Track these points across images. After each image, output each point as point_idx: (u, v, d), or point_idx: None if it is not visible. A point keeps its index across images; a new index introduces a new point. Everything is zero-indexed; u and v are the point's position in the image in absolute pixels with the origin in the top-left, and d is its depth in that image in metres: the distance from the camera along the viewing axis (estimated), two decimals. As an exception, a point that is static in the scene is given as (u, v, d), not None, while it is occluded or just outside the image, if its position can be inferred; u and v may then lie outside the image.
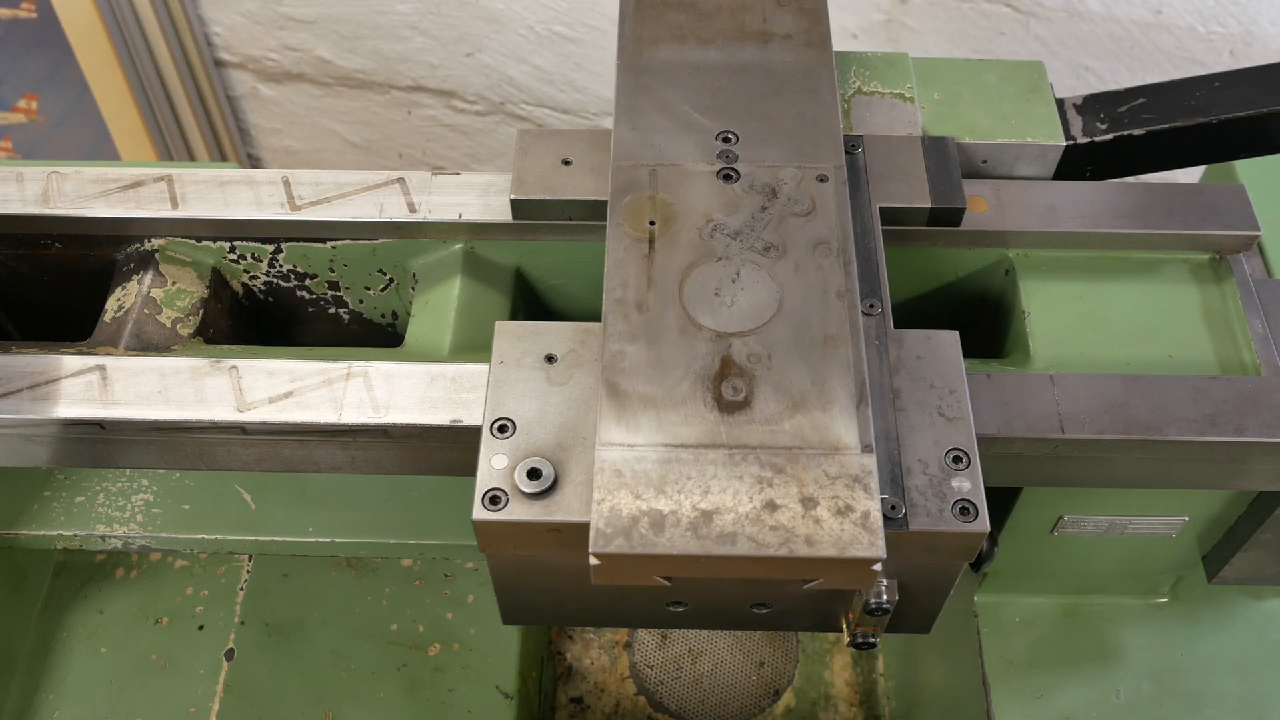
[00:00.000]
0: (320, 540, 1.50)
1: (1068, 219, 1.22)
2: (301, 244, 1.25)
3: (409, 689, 1.46)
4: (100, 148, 2.80)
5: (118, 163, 2.23)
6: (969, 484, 0.96)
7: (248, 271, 1.28)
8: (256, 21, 2.68)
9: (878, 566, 0.87)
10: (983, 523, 0.94)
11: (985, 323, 1.32)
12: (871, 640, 1.05)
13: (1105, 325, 1.18)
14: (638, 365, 0.96)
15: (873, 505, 0.89)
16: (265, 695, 1.44)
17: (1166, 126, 1.27)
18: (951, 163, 1.21)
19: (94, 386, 1.08)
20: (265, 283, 1.30)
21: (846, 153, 1.20)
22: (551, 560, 0.98)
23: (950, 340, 1.05)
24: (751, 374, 0.96)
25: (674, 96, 1.16)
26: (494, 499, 0.93)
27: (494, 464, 0.95)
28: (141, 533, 1.45)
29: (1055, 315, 1.19)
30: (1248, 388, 1.09)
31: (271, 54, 2.76)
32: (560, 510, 0.93)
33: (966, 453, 0.97)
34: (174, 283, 1.23)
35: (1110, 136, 1.27)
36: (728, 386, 0.95)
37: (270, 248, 1.25)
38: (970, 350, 1.36)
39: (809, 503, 0.89)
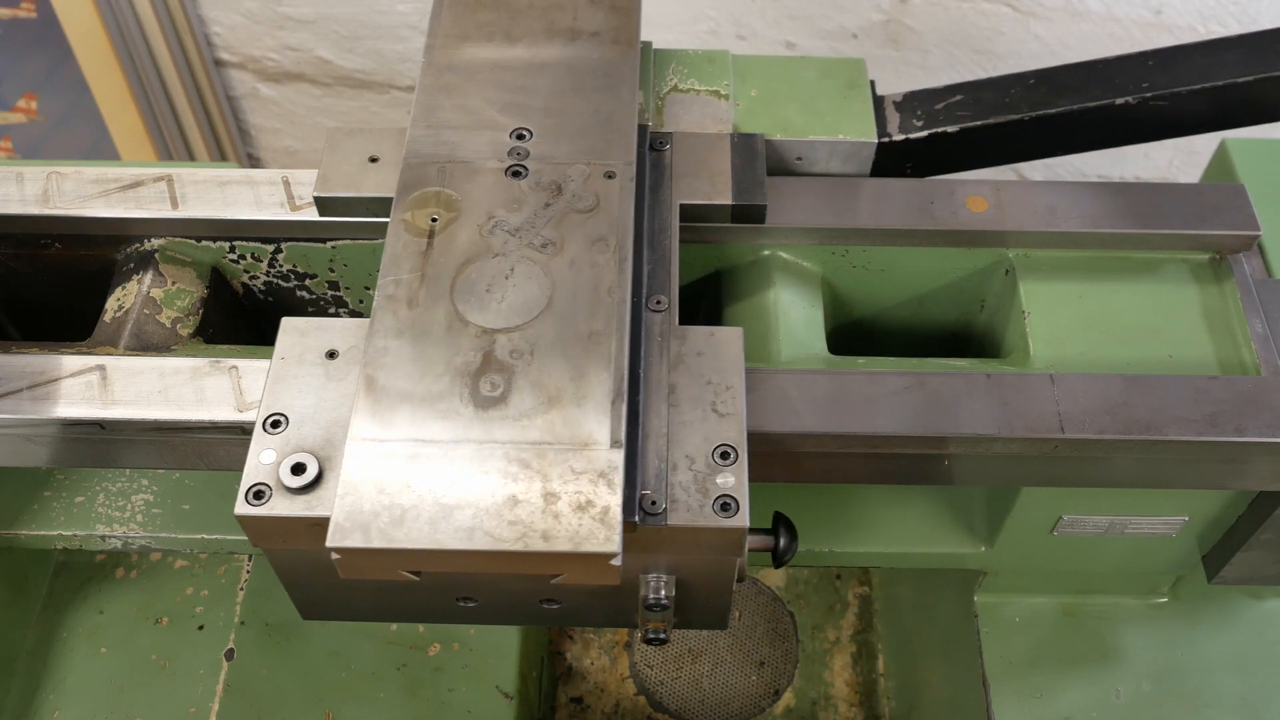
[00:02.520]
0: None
1: (1068, 219, 1.22)
2: (301, 244, 1.25)
3: (409, 689, 1.45)
4: (100, 148, 2.80)
5: (118, 163, 2.23)
6: (733, 480, 0.96)
7: (248, 271, 1.28)
8: (256, 21, 2.68)
9: (616, 562, 0.87)
10: (742, 518, 0.94)
11: (985, 323, 1.32)
12: (662, 636, 1.06)
13: (1105, 325, 1.18)
14: (400, 361, 0.97)
15: (614, 500, 0.89)
16: (265, 695, 1.44)
17: (980, 123, 1.27)
18: (758, 160, 1.21)
19: (94, 386, 1.08)
20: (265, 283, 1.30)
21: (655, 150, 1.21)
22: (324, 555, 0.98)
23: (733, 337, 1.05)
24: (511, 370, 0.96)
25: (474, 94, 1.16)
26: (258, 494, 0.94)
27: (262, 459, 0.95)
28: (141, 533, 1.45)
29: (1055, 315, 1.19)
30: (1248, 388, 1.09)
31: (271, 54, 2.76)
32: (321, 505, 0.93)
33: (734, 449, 0.98)
34: (174, 283, 1.23)
35: (925, 133, 1.28)
36: (486, 382, 0.96)
37: (270, 248, 1.25)
38: (970, 350, 1.36)
39: (551, 498, 0.89)
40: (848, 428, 1.06)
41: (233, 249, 1.25)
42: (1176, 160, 2.51)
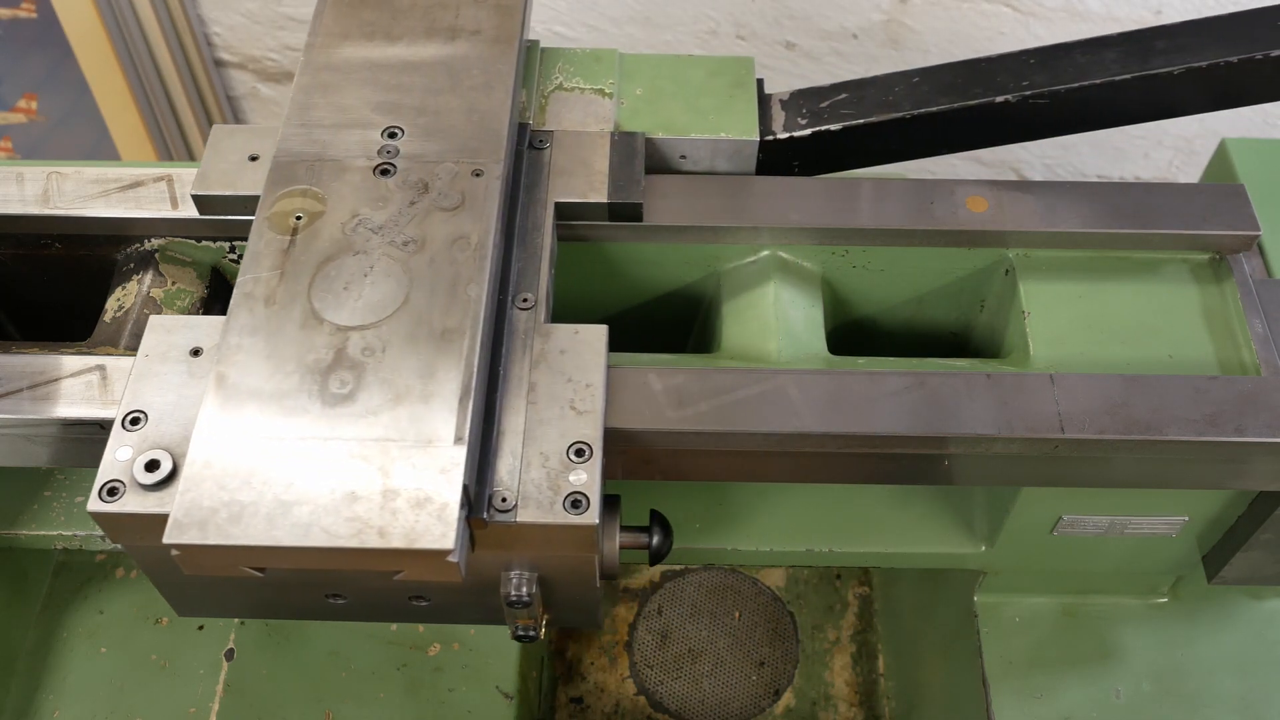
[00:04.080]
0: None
1: (1068, 219, 1.22)
2: None
3: (409, 689, 1.45)
4: (100, 148, 2.80)
5: (118, 163, 2.23)
6: (586, 477, 0.97)
7: (248, 271, 1.28)
8: (256, 21, 2.68)
9: (453, 558, 0.87)
10: (592, 515, 0.95)
11: (985, 323, 1.32)
12: (531, 634, 1.06)
13: (1105, 325, 1.18)
14: (252, 358, 0.97)
15: (452, 497, 0.89)
16: (265, 695, 1.44)
17: (863, 122, 1.27)
18: (636, 158, 1.22)
19: (94, 386, 1.08)
20: (265, 283, 1.30)
21: (535, 148, 1.22)
22: None
23: (597, 335, 1.06)
24: (362, 367, 0.96)
25: (349, 93, 1.17)
26: (112, 490, 0.94)
27: (118, 456, 0.96)
28: (141, 533, 1.45)
29: (1055, 315, 1.19)
30: (1248, 388, 1.09)
31: (271, 54, 2.76)
32: (173, 502, 0.92)
33: (589, 446, 0.98)
34: (174, 283, 1.23)
35: (809, 132, 1.27)
36: (335, 380, 0.96)
37: (270, 248, 1.25)
38: (970, 350, 1.36)
39: (390, 494, 0.90)
40: (848, 428, 1.06)
41: (233, 249, 1.25)
42: (1176, 160, 2.51)
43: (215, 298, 1.25)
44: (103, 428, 1.07)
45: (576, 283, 1.29)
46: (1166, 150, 2.49)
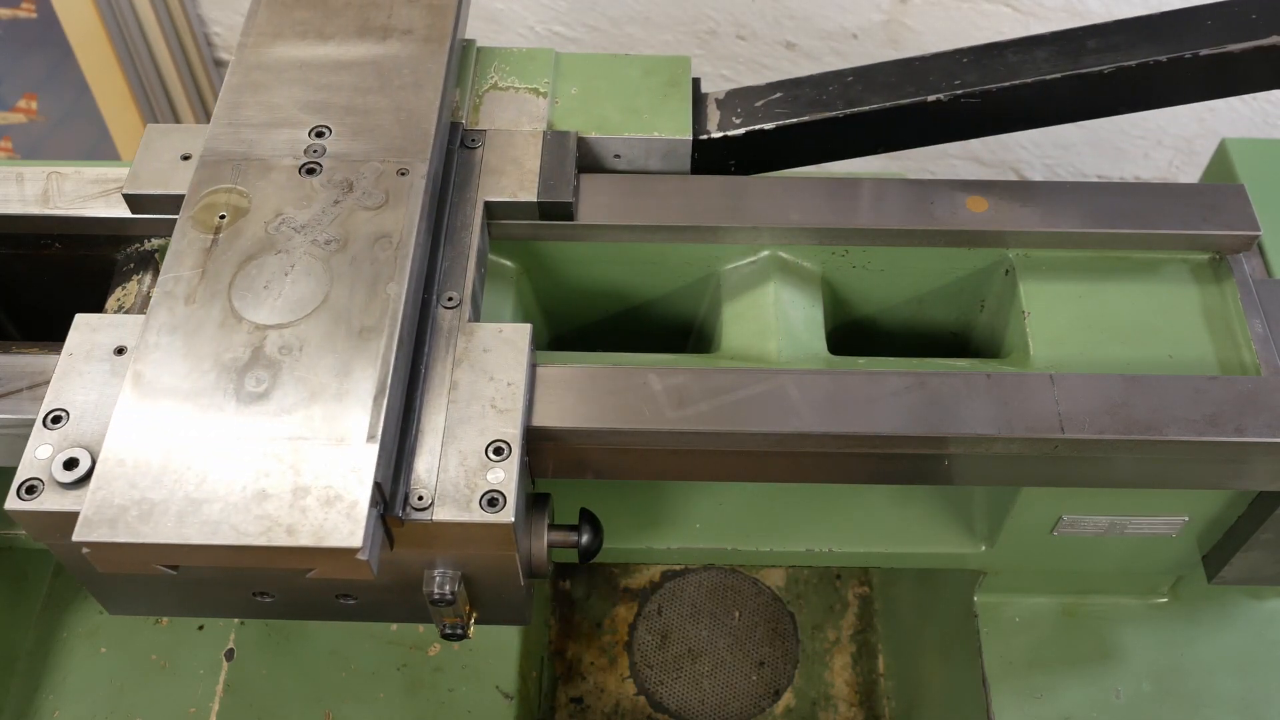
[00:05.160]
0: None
1: (1068, 219, 1.22)
2: None
3: (409, 689, 1.45)
4: (100, 148, 2.80)
5: (118, 163, 2.23)
6: (503, 475, 0.97)
7: (247, 271, 1.28)
8: (256, 21, 2.68)
9: (362, 556, 0.87)
10: (508, 514, 0.95)
11: (985, 323, 1.32)
12: (459, 631, 1.06)
13: (1105, 325, 1.18)
14: (169, 357, 0.97)
15: (362, 495, 0.89)
16: (265, 695, 1.44)
17: (796, 121, 1.27)
18: (568, 158, 1.21)
19: (94, 386, 1.08)
20: (265, 283, 1.30)
21: (467, 147, 1.22)
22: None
23: (520, 334, 1.06)
24: (279, 365, 0.97)
25: (278, 92, 1.17)
26: (30, 488, 0.94)
27: (37, 454, 0.96)
28: (141, 533, 1.45)
29: (1055, 315, 1.19)
30: (1248, 388, 1.09)
31: (271, 54, 2.76)
32: None
33: (508, 444, 0.99)
34: (174, 283, 1.23)
35: (742, 131, 1.27)
36: (251, 378, 0.96)
37: (270, 248, 1.25)
38: (970, 350, 1.36)
39: (300, 492, 0.90)
40: (848, 428, 1.06)
41: (232, 249, 1.25)
42: (1176, 160, 2.51)
43: (215, 298, 1.25)
44: (102, 428, 1.07)
45: (576, 284, 1.29)
46: (1166, 150, 2.49)
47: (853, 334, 1.35)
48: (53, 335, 1.32)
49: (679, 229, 1.23)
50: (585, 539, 1.08)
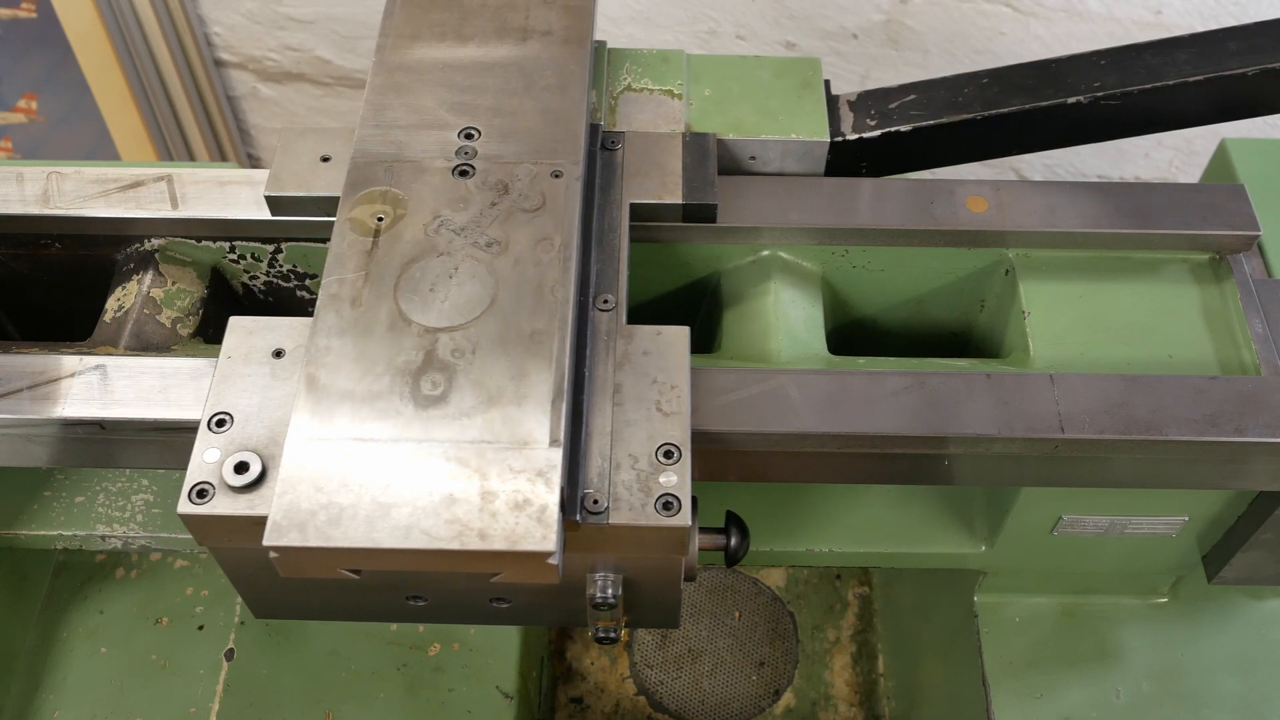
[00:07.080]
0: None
1: (1068, 219, 1.22)
2: (301, 244, 1.25)
3: (409, 689, 1.45)
4: (100, 148, 2.80)
5: (118, 163, 2.23)
6: (676, 479, 0.96)
7: (248, 271, 1.28)
8: (256, 21, 2.68)
9: (553, 560, 0.87)
10: (684, 517, 0.94)
11: (985, 323, 1.32)
12: (612, 635, 1.06)
13: (1105, 325, 1.18)
14: (341, 360, 0.97)
15: (551, 499, 0.89)
16: (265, 695, 1.44)
17: (933, 123, 1.27)
18: (709, 159, 1.21)
19: (94, 386, 1.08)
20: (265, 283, 1.30)
21: (607, 149, 1.21)
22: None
23: (679, 336, 1.05)
24: (453, 369, 0.96)
25: (423, 93, 1.16)
26: (201, 492, 0.94)
27: (206, 458, 0.95)
28: (141, 533, 1.45)
29: (1055, 315, 1.19)
30: (1248, 388, 1.09)
31: (271, 54, 2.76)
32: (263, 504, 0.92)
33: (678, 447, 0.98)
34: (174, 283, 1.23)
35: (878, 133, 1.27)
36: (426, 381, 0.96)
37: (270, 248, 1.25)
38: (970, 350, 1.36)
39: (489, 496, 0.89)
40: (848, 428, 1.06)
41: (233, 249, 1.25)
42: (1176, 160, 2.51)
43: (215, 298, 1.25)
44: (103, 427, 1.07)
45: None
46: (1166, 150, 2.49)
47: (853, 334, 1.35)
48: (53, 335, 1.33)
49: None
50: (734, 541, 1.08)
